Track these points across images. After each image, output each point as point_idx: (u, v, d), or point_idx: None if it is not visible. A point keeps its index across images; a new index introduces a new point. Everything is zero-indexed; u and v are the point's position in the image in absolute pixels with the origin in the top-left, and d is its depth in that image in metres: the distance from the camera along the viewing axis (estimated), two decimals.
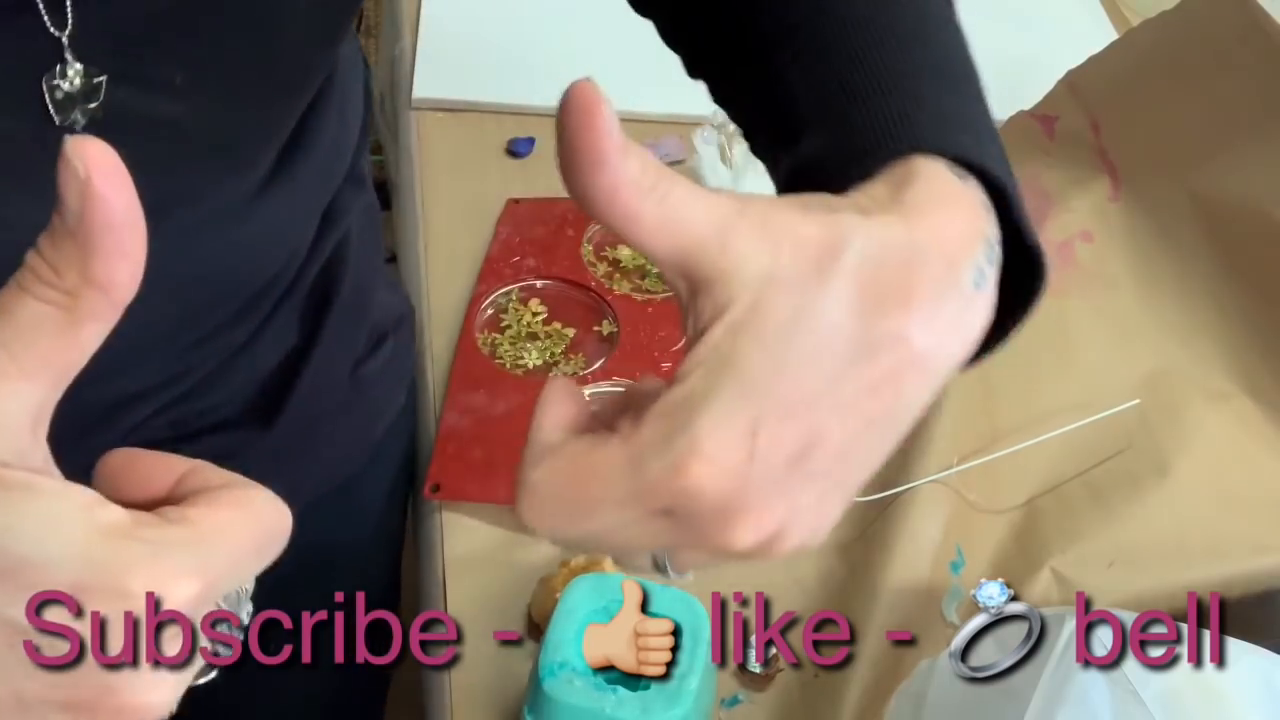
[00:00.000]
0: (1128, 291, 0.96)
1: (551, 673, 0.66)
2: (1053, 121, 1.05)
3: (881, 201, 0.41)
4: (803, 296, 0.38)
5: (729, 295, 0.38)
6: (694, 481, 0.37)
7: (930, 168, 0.42)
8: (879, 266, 0.38)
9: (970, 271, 0.41)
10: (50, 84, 0.53)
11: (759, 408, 0.37)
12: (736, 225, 0.38)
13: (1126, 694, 0.57)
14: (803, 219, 0.39)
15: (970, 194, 0.43)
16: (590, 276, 0.95)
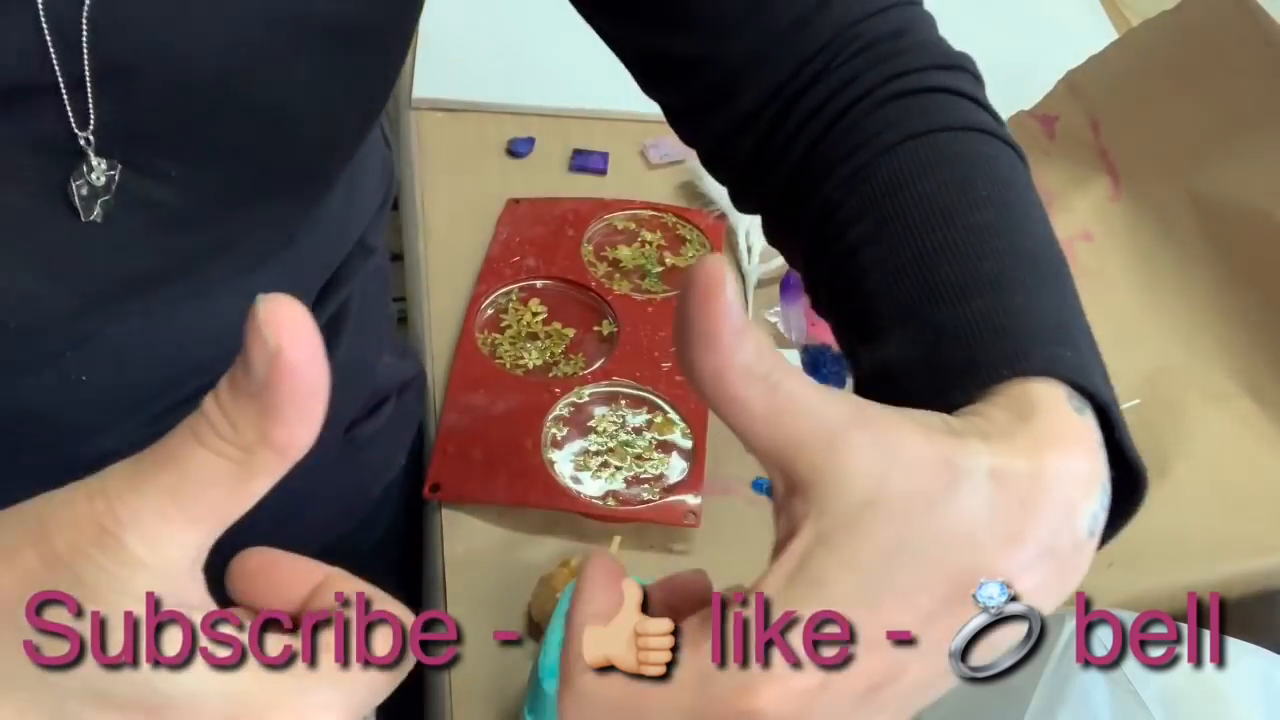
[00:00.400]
0: (1128, 291, 0.96)
1: (551, 673, 0.66)
2: (1053, 121, 1.05)
3: (1003, 429, 0.38)
4: (908, 526, 0.35)
5: (827, 507, 0.37)
6: (762, 704, 0.37)
7: (1050, 397, 0.40)
8: (996, 502, 0.36)
9: (1086, 519, 0.39)
10: (77, 183, 0.54)
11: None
12: (848, 434, 0.36)
13: (1126, 694, 0.57)
14: (924, 440, 0.36)
15: (1090, 431, 0.40)
16: (590, 276, 0.95)
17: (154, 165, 0.56)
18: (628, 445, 0.84)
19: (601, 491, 0.82)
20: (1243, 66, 0.91)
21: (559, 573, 0.76)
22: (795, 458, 0.37)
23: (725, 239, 1.01)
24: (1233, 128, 0.92)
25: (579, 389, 0.87)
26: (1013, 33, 1.27)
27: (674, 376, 0.88)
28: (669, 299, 0.94)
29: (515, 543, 0.81)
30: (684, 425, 0.86)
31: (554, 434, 0.85)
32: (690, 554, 0.82)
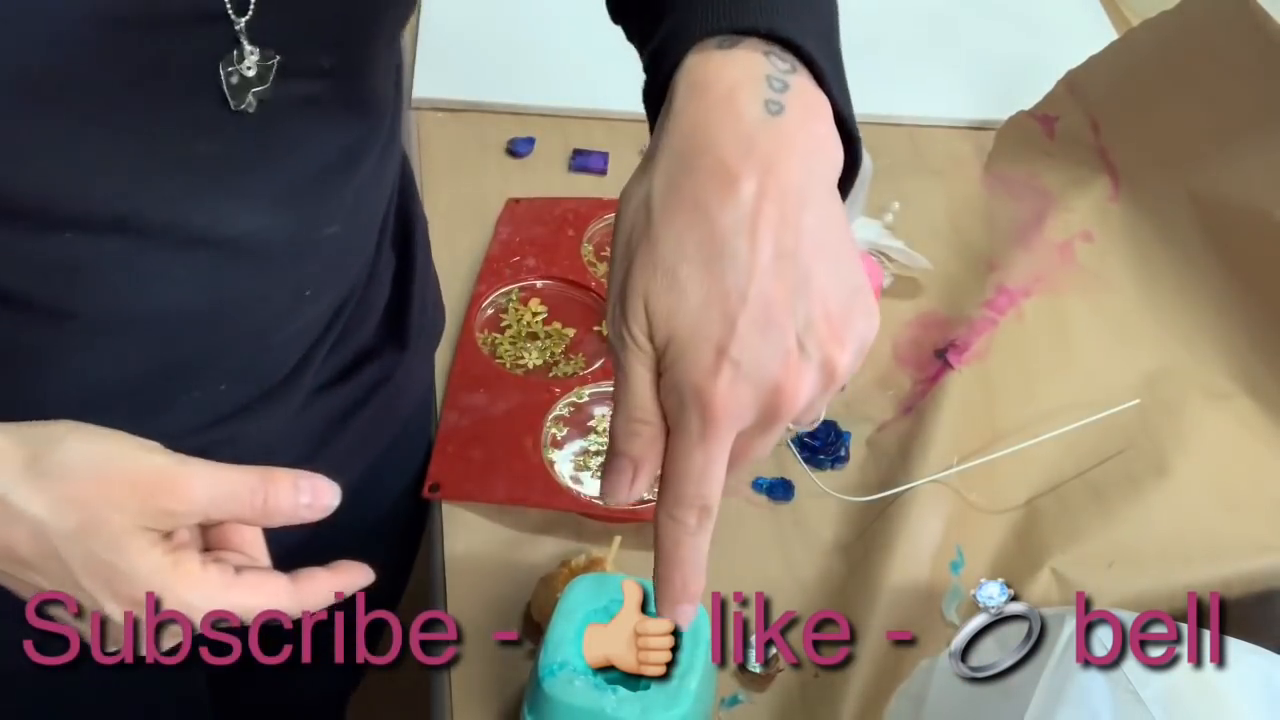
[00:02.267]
0: (1128, 291, 0.96)
1: (551, 673, 0.66)
2: (1053, 121, 1.05)
3: (662, 118, 0.50)
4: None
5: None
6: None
7: (696, 60, 0.49)
8: (676, 175, 0.47)
9: (755, 105, 0.46)
10: (227, 70, 0.55)
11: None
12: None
13: (1126, 694, 0.57)
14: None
15: (734, 55, 0.48)
16: (590, 276, 0.95)
17: (302, 61, 0.58)
18: None
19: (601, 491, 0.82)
20: (1243, 66, 0.91)
21: (559, 573, 0.76)
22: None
23: None
24: (1233, 128, 0.92)
25: (579, 389, 0.87)
26: (1013, 33, 1.27)
27: None
28: None
29: (515, 543, 0.81)
30: None
31: (554, 434, 0.85)
32: None
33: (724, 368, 0.46)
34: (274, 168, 0.61)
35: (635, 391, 0.48)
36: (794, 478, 0.86)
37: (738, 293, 0.46)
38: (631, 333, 0.47)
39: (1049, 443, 0.85)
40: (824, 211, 0.47)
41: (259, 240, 0.62)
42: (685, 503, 0.48)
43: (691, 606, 0.50)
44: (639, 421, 0.48)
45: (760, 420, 0.47)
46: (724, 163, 0.46)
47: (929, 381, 0.90)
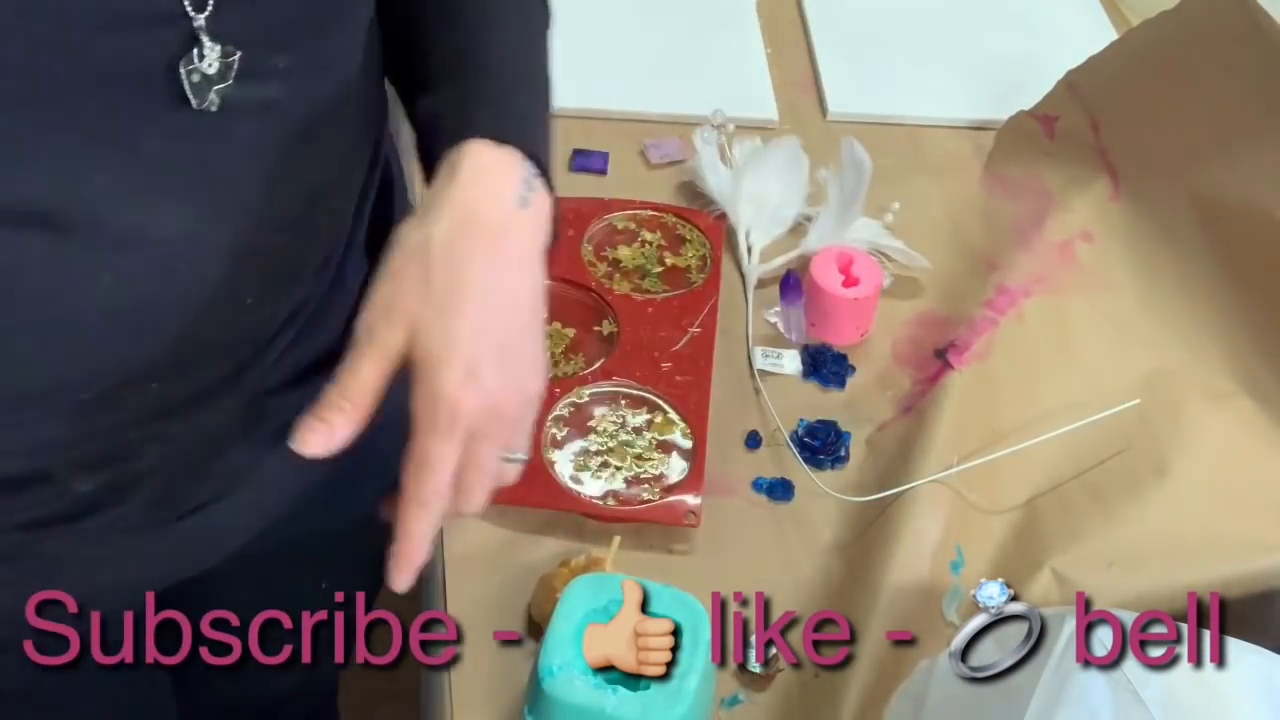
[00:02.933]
0: (1128, 291, 0.96)
1: (551, 673, 0.66)
2: (1053, 121, 1.05)
3: (441, 183, 0.63)
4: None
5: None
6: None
7: (475, 147, 0.64)
8: (454, 228, 0.62)
9: (514, 197, 0.63)
10: (188, 69, 0.55)
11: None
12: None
13: (1126, 694, 0.57)
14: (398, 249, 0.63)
15: (508, 156, 0.64)
16: (590, 276, 0.95)
17: (260, 61, 0.58)
18: (628, 445, 0.84)
19: (601, 491, 0.82)
20: (1243, 66, 0.91)
21: (559, 573, 0.76)
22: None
23: (725, 239, 1.01)
24: (1233, 128, 0.92)
25: (579, 389, 0.87)
26: (1013, 33, 1.27)
27: (674, 376, 0.88)
28: (669, 299, 0.95)
29: (515, 543, 0.81)
30: (684, 425, 0.86)
31: (554, 434, 0.85)
32: (690, 554, 0.82)
33: (469, 382, 0.60)
34: (218, 172, 0.60)
35: (362, 380, 0.61)
36: (794, 478, 0.86)
37: (486, 329, 0.61)
38: (386, 339, 0.61)
39: (1049, 443, 0.85)
40: (538, 282, 0.64)
41: (194, 245, 0.61)
42: (430, 488, 0.61)
43: (412, 577, 0.63)
44: (350, 401, 0.62)
45: (484, 429, 0.61)
46: (490, 234, 0.62)
47: (929, 381, 0.90)
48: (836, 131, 1.08)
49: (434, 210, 0.62)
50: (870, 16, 1.28)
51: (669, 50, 1.21)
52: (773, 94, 1.17)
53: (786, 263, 0.99)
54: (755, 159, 1.03)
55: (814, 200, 1.03)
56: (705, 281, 0.96)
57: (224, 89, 0.57)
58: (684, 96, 1.14)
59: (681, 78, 1.17)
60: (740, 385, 0.92)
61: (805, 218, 1.02)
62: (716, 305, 0.94)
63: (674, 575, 0.78)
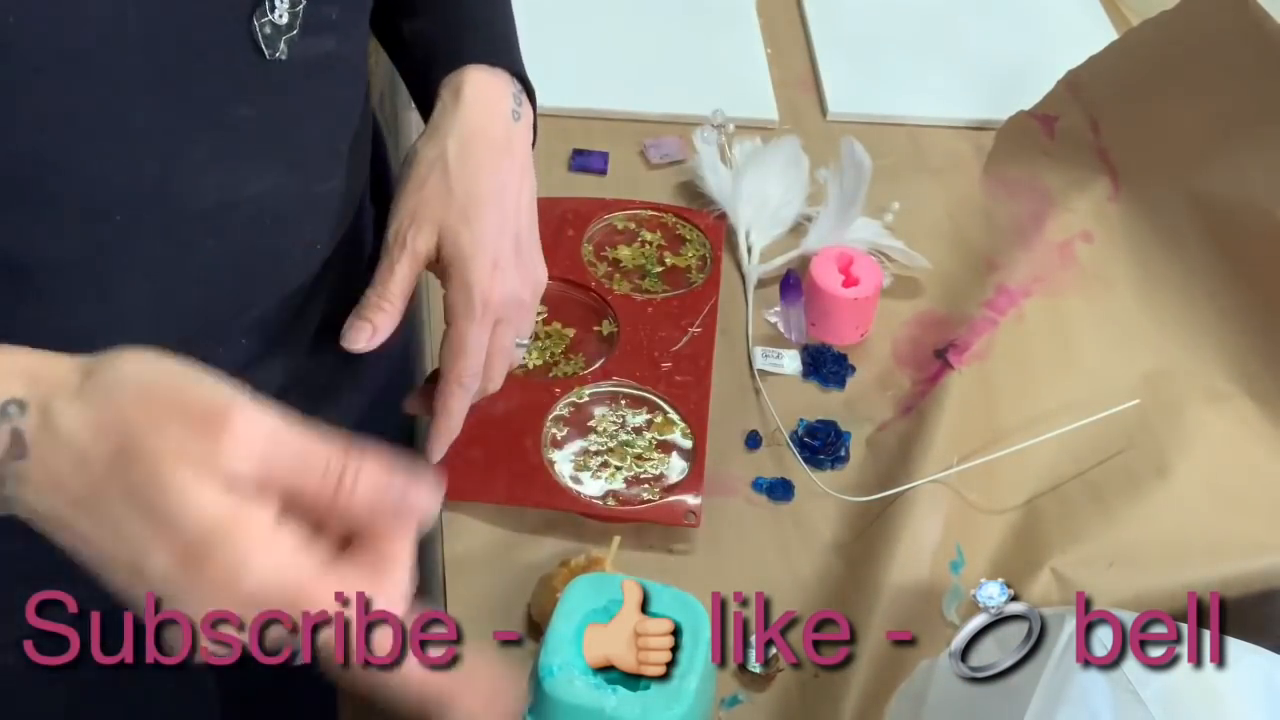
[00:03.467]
0: (1128, 292, 0.96)
1: (551, 673, 0.66)
2: (1053, 121, 1.05)
3: (447, 104, 0.71)
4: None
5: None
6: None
7: (473, 72, 0.72)
8: (465, 144, 0.70)
9: (509, 112, 0.73)
10: (260, 20, 0.58)
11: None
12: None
13: (1126, 694, 0.57)
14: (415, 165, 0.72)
15: (500, 77, 0.73)
16: (590, 276, 0.95)
17: (316, 13, 0.60)
18: (628, 445, 0.84)
19: (601, 491, 0.82)
20: (1243, 66, 0.91)
21: (559, 573, 0.76)
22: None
23: (725, 239, 1.01)
24: (1233, 128, 0.92)
25: (579, 389, 0.87)
26: (1013, 33, 1.27)
27: (674, 376, 0.88)
28: (669, 299, 0.95)
29: (515, 543, 0.81)
30: (684, 425, 0.86)
31: (554, 434, 0.85)
32: (690, 554, 0.82)
33: (496, 274, 0.69)
34: (292, 127, 0.63)
35: (397, 282, 0.69)
36: (794, 478, 0.86)
37: (503, 228, 0.69)
38: (416, 245, 0.69)
39: (1049, 443, 0.85)
40: (534, 180, 0.74)
41: (273, 199, 0.64)
42: (469, 370, 0.70)
43: (445, 448, 0.74)
44: (388, 301, 0.69)
45: (508, 316, 0.71)
46: (495, 147, 0.71)
47: (929, 381, 0.90)
48: (836, 131, 1.08)
49: (444, 128, 0.71)
50: (870, 16, 1.28)
51: (669, 50, 1.21)
52: (773, 94, 1.17)
53: (786, 263, 0.99)
54: (755, 159, 1.03)
55: (814, 200, 1.03)
56: (705, 281, 0.96)
57: (291, 38, 0.59)
58: (684, 96, 1.14)
59: (681, 78, 1.17)
60: (740, 385, 0.92)
61: (805, 218, 1.02)
62: (716, 305, 0.94)
63: (674, 575, 0.78)
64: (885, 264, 0.99)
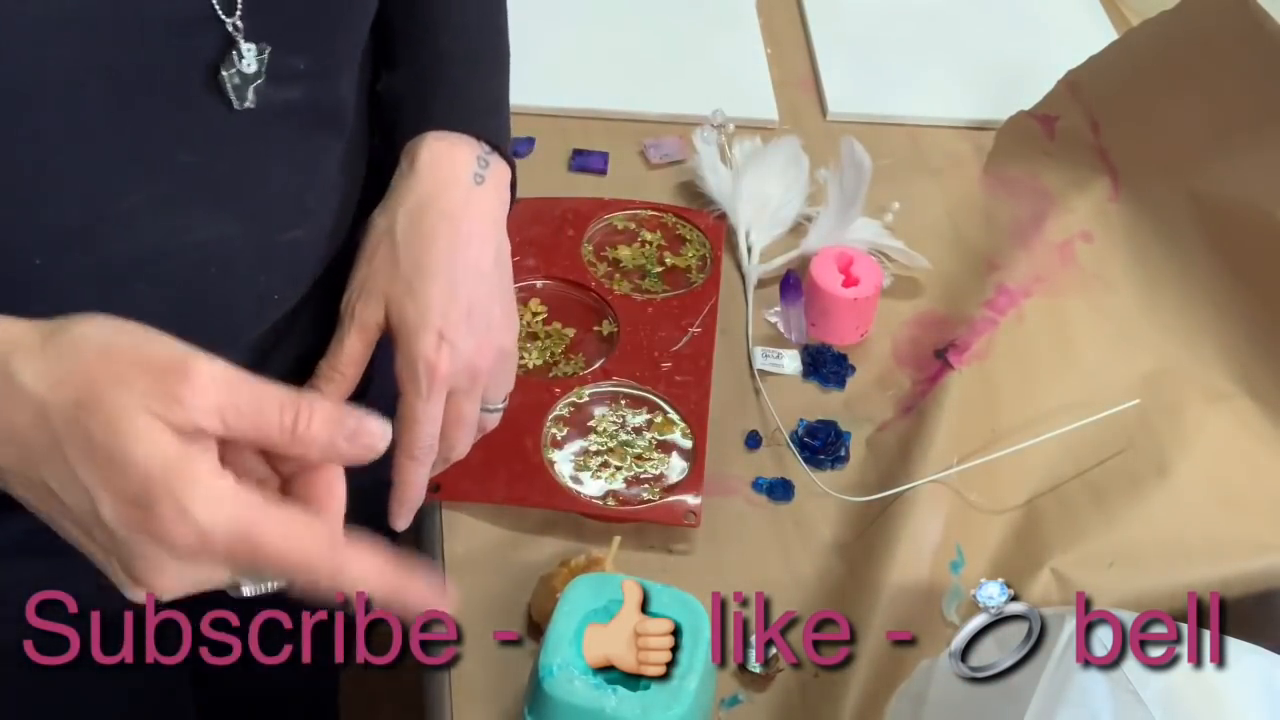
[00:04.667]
0: (1128, 291, 0.96)
1: (551, 673, 0.66)
2: (1053, 121, 1.05)
3: (404, 172, 0.70)
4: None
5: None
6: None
7: (431, 139, 0.70)
8: (414, 214, 0.68)
9: (469, 177, 0.70)
10: (229, 71, 0.57)
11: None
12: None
13: (1126, 694, 0.57)
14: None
15: (462, 142, 0.70)
16: (590, 276, 0.95)
17: (282, 63, 0.59)
18: (628, 445, 0.84)
19: (601, 491, 0.82)
20: (1243, 66, 0.91)
21: (559, 573, 0.76)
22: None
23: (725, 239, 1.01)
24: (1233, 128, 0.92)
25: (579, 389, 0.87)
26: (1013, 33, 1.27)
27: (674, 376, 0.88)
28: (669, 299, 0.95)
29: (515, 543, 0.81)
30: (684, 425, 0.86)
31: (554, 434, 0.85)
32: (690, 554, 0.82)
33: (443, 347, 0.67)
34: (247, 176, 0.61)
35: (346, 354, 0.68)
36: (794, 478, 0.86)
37: (454, 298, 0.67)
38: (364, 317, 0.68)
39: (1049, 443, 0.85)
40: (501, 247, 0.73)
41: (219, 248, 0.62)
42: (417, 443, 0.68)
43: (410, 517, 0.71)
44: (338, 372, 0.68)
45: (463, 386, 0.69)
46: (449, 214, 0.69)
47: (929, 381, 0.90)
48: (836, 131, 1.08)
49: (396, 197, 0.69)
50: (870, 16, 1.28)
51: (669, 50, 1.21)
52: (773, 94, 1.17)
53: (786, 263, 0.99)
54: (755, 159, 1.03)
55: (814, 200, 1.03)
56: (705, 281, 0.96)
57: (259, 86, 0.58)
58: (684, 96, 1.14)
59: (681, 78, 1.17)
60: (740, 385, 0.92)
61: (805, 218, 1.02)
62: (716, 305, 0.94)
63: (674, 575, 0.78)
64: (885, 264, 0.99)
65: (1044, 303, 0.95)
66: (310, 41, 0.61)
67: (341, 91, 0.66)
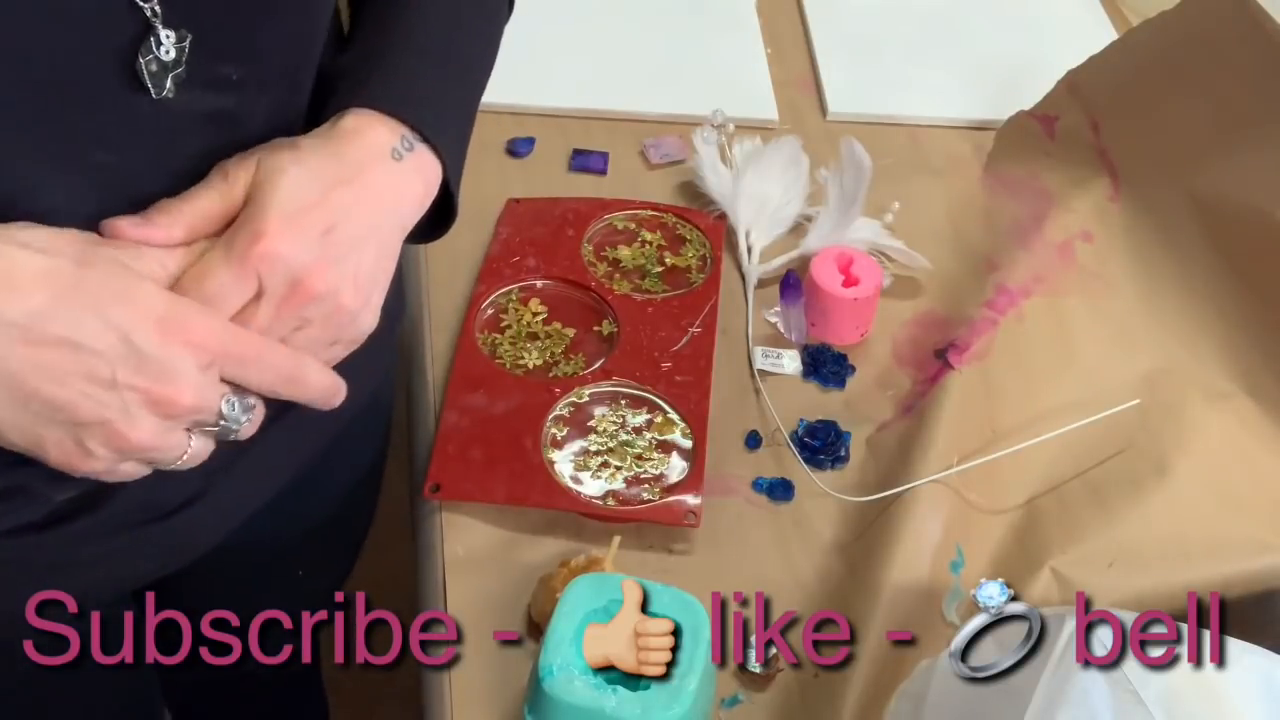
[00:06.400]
0: (1128, 291, 0.96)
1: (551, 673, 0.66)
2: (1053, 121, 1.05)
3: (320, 132, 0.63)
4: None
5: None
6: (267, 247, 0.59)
7: (355, 112, 0.64)
8: (317, 160, 0.62)
9: (388, 152, 0.64)
10: (145, 58, 0.55)
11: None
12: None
13: (1126, 694, 0.57)
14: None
15: (387, 122, 0.64)
16: (590, 276, 0.95)
17: (212, 71, 0.58)
18: (628, 445, 0.84)
19: (601, 491, 0.82)
20: (1243, 66, 0.91)
21: (559, 573, 0.76)
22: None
23: (725, 239, 1.01)
24: (1233, 128, 0.92)
25: (579, 389, 0.87)
26: (1013, 33, 1.27)
27: (674, 376, 0.88)
28: (669, 299, 0.95)
29: (515, 543, 0.81)
30: (684, 425, 0.86)
31: (554, 434, 0.85)
32: (690, 554, 0.82)
33: (284, 233, 0.60)
34: (167, 184, 0.59)
35: (196, 206, 0.60)
36: (794, 478, 0.86)
37: (324, 205, 0.61)
38: (235, 174, 0.61)
39: (1049, 443, 0.85)
40: (395, 229, 0.65)
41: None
42: (207, 289, 0.61)
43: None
44: (174, 217, 0.60)
45: (277, 291, 0.60)
46: (360, 161, 0.63)
47: (929, 381, 0.90)
48: (836, 131, 1.08)
49: (304, 144, 0.62)
50: (870, 16, 1.28)
51: (669, 50, 1.21)
52: (773, 94, 1.17)
53: (786, 263, 0.99)
54: (755, 159, 1.03)
55: (814, 200, 1.03)
56: (705, 281, 0.97)
57: (178, 76, 0.56)
58: (684, 96, 1.15)
59: (681, 78, 1.18)
60: (740, 385, 0.92)
61: (805, 218, 1.02)
62: (716, 305, 0.94)
63: (674, 575, 0.78)
64: (885, 264, 0.99)
65: (1044, 303, 0.95)
66: (236, 41, 0.59)
67: (275, 106, 0.63)
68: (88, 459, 0.56)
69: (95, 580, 0.72)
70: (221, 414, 0.58)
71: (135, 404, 0.54)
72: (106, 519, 0.67)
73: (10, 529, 0.65)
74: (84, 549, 0.68)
